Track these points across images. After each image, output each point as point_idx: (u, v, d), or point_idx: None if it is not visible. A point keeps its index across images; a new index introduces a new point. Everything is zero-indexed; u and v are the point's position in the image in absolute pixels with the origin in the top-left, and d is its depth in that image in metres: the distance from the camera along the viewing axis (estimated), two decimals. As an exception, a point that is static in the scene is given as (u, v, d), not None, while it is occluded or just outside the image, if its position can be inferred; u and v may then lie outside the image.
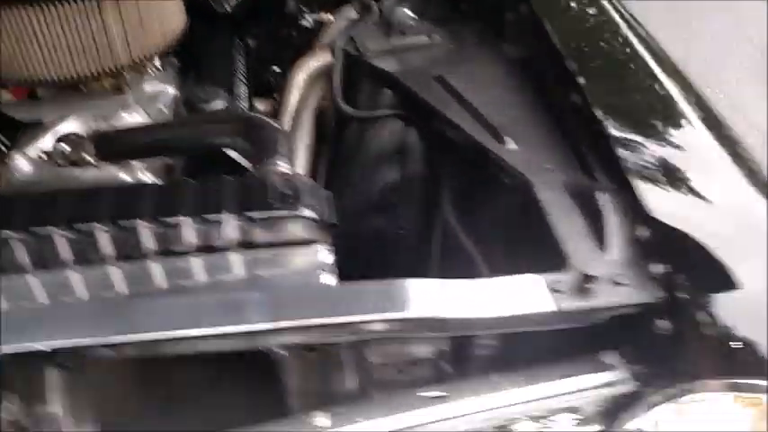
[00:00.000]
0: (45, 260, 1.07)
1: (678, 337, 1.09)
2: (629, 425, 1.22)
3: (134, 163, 1.55)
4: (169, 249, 1.09)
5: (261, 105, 1.96)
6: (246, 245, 1.11)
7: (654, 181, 1.21)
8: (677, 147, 1.29)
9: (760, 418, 1.22)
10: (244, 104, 1.77)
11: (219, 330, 0.94)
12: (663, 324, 1.10)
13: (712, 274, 1.12)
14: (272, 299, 0.99)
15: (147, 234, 1.07)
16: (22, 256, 1.06)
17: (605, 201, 1.21)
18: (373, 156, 1.73)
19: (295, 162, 1.67)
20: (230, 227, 1.09)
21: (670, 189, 1.21)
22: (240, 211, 1.09)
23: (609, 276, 1.10)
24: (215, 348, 0.97)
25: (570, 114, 1.38)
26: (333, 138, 1.73)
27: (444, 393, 1.09)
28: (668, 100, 1.37)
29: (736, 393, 1.11)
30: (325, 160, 1.77)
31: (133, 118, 1.63)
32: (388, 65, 1.67)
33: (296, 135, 1.76)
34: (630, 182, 1.20)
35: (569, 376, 1.16)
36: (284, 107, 1.86)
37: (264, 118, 1.40)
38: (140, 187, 1.18)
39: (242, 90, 1.84)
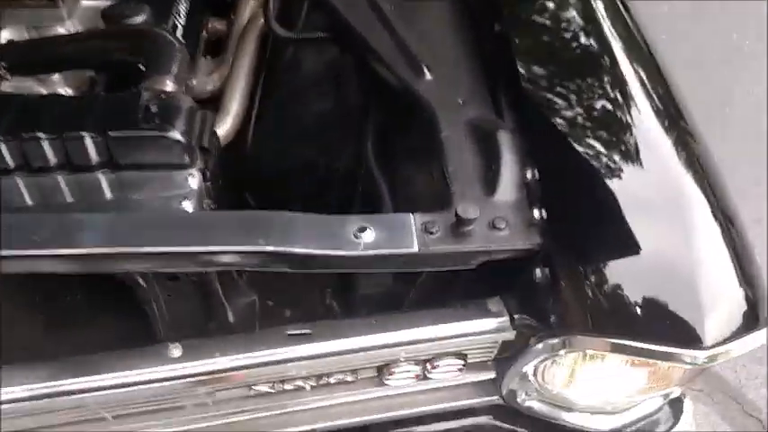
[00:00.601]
0: None
1: (556, 288, 1.02)
2: (516, 374, 1.17)
3: (54, 77, 1.50)
4: (30, 165, 1.05)
5: (218, 25, 1.88)
6: (112, 165, 1.06)
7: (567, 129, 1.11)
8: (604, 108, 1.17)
9: (658, 378, 1.16)
10: (179, 23, 1.69)
11: (49, 252, 0.90)
12: (541, 273, 1.03)
13: (604, 230, 1.04)
14: (113, 223, 0.94)
15: (4, 149, 1.03)
16: None
17: (505, 141, 1.12)
18: (307, 81, 1.65)
19: (234, 85, 1.60)
20: (90, 145, 1.03)
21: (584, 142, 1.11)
22: (103, 130, 1.04)
23: (487, 220, 1.02)
24: (51, 270, 0.94)
25: (491, 46, 1.28)
26: (268, 61, 1.65)
27: (308, 331, 1.05)
28: (606, 58, 1.24)
29: (619, 354, 1.04)
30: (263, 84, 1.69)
31: (68, 32, 1.57)
32: (325, -15, 1.57)
33: (238, 57, 1.69)
34: (533, 123, 1.11)
35: (452, 321, 1.11)
36: (235, 28, 1.78)
37: (165, 35, 1.32)
38: (5, 99, 1.13)
39: (182, 7, 1.75)
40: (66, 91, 1.51)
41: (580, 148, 1.09)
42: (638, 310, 0.99)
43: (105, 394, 1.01)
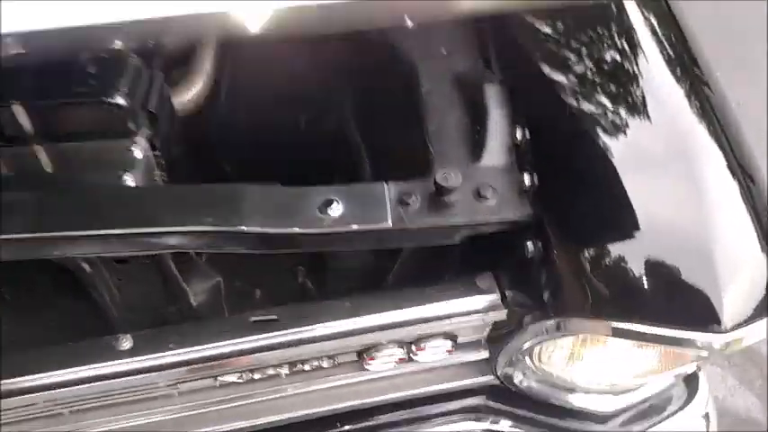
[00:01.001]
0: None
1: (550, 263, 0.90)
2: (510, 355, 1.06)
3: None
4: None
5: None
6: (50, 136, 0.94)
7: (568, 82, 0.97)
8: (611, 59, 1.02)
9: (670, 359, 1.04)
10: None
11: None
12: (534, 247, 0.91)
13: (604, 197, 0.90)
14: (38, 205, 0.83)
15: None
16: None
17: (493, 95, 0.99)
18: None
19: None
20: (22, 115, 0.91)
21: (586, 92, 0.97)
22: (35, 97, 0.91)
23: (472, 188, 0.90)
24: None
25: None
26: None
27: (275, 316, 0.94)
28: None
29: (618, 338, 0.92)
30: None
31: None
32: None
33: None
34: (525, 74, 0.98)
35: (436, 300, 0.99)
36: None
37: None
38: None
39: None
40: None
41: (577, 103, 0.95)
42: (643, 288, 0.86)
43: (52, 393, 0.91)
